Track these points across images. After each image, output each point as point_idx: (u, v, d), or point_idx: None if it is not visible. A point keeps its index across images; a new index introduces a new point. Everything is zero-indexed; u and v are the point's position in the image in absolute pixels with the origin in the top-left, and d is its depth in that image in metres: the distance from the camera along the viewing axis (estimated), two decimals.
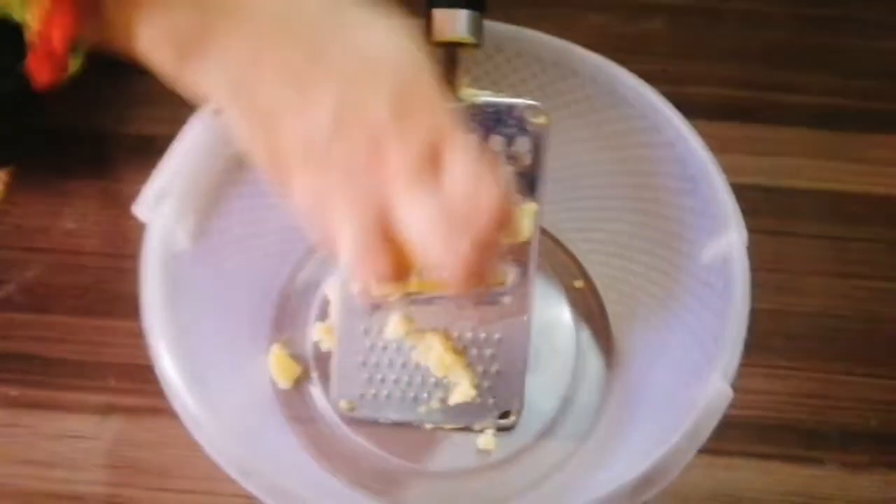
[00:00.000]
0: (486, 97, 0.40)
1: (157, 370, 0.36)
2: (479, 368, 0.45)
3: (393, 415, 0.45)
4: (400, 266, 0.32)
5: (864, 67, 0.59)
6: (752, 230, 0.47)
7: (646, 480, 0.33)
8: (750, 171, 0.55)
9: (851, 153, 0.56)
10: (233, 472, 0.34)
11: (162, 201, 0.38)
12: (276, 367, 0.46)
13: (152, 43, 0.31)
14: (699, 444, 0.34)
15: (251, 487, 0.33)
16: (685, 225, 0.42)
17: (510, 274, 0.43)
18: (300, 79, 0.31)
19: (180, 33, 0.31)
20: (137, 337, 0.37)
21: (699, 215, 0.41)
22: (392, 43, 0.32)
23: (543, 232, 0.51)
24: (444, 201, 0.31)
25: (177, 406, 0.35)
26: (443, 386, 0.45)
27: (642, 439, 0.39)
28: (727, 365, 0.36)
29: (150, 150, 0.40)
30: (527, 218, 0.41)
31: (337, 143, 0.31)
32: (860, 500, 0.45)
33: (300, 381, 0.47)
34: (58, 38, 0.31)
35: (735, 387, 0.46)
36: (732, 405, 0.46)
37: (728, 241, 0.38)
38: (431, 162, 0.31)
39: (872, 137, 0.57)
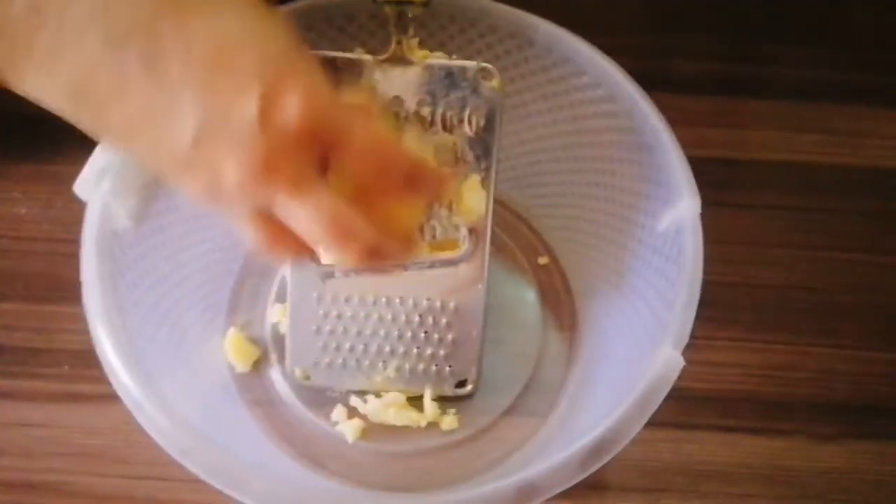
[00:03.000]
0: (437, 59, 0.39)
1: (97, 351, 0.35)
2: (435, 336, 0.44)
3: (349, 383, 0.45)
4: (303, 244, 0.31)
5: (834, 39, 0.58)
6: (720, 203, 0.46)
7: (595, 449, 0.33)
8: (719, 144, 0.55)
9: (819, 125, 0.55)
10: (173, 452, 0.33)
11: (103, 179, 0.37)
12: (233, 350, 0.46)
13: None
14: (649, 412, 0.34)
15: (191, 466, 0.33)
16: (641, 195, 0.42)
17: (465, 240, 0.42)
18: (145, 88, 0.27)
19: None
20: None
21: (654, 185, 0.40)
22: (249, 19, 0.29)
23: (505, 208, 0.50)
24: (331, 197, 0.29)
25: (117, 387, 0.34)
26: (398, 355, 0.44)
27: (602, 412, 0.39)
28: (678, 332, 0.35)
29: None
30: (473, 191, 0.40)
31: (207, 152, 0.28)
32: (826, 472, 0.45)
33: (259, 365, 0.46)
34: None
35: (700, 360, 0.46)
36: (697, 378, 0.46)
37: (681, 210, 0.38)
38: (313, 152, 0.29)
39: (840, 109, 0.56)
